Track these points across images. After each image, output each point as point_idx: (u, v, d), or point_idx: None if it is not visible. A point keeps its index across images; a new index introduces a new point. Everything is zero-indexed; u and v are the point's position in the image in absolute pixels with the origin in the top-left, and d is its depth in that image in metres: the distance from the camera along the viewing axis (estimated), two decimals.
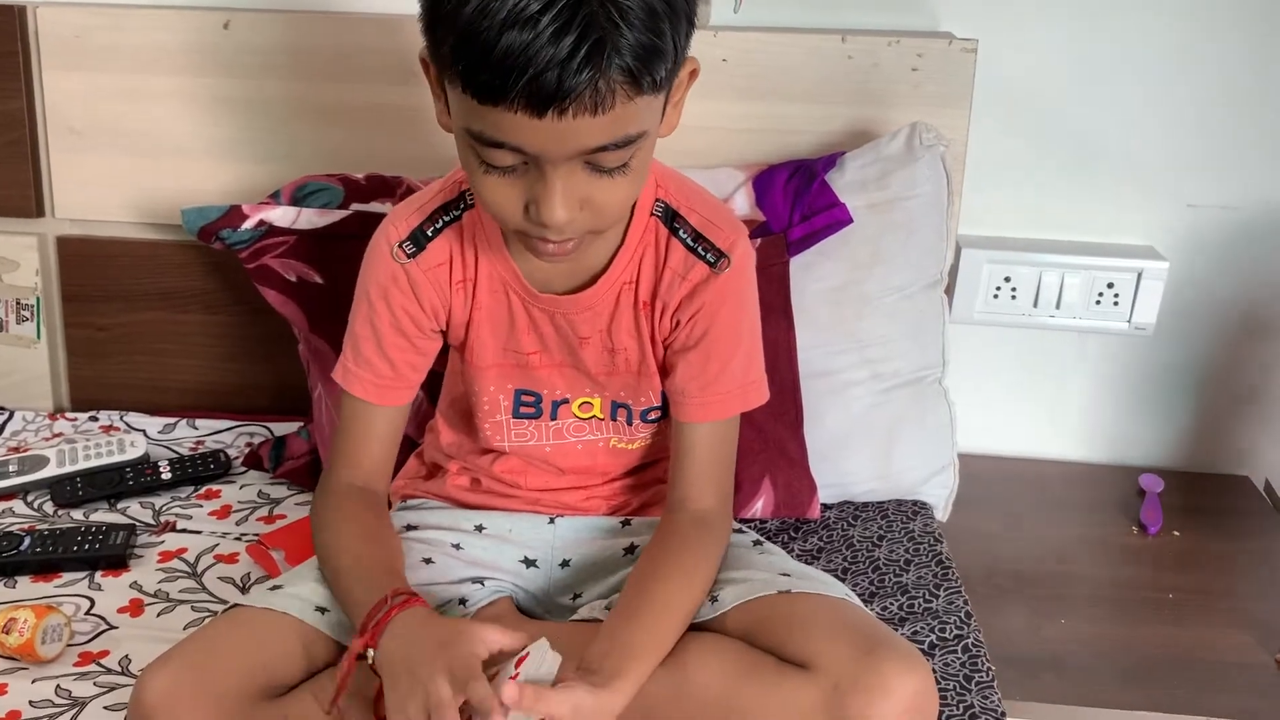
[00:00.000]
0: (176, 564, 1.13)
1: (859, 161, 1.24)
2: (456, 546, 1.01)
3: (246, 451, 1.33)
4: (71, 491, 1.23)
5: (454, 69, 0.74)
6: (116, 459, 1.27)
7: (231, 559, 1.14)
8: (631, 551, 1.01)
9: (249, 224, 1.24)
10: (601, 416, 1.00)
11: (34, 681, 0.96)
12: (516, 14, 0.69)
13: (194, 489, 1.26)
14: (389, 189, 1.26)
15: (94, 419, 1.40)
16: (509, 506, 1.04)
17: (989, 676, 0.98)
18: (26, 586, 1.09)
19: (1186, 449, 1.49)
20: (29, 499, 1.24)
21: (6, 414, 1.41)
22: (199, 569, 1.12)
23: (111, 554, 1.11)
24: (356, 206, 1.25)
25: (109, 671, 0.98)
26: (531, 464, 1.03)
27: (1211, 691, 1.09)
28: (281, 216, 1.24)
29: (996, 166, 1.36)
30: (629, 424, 1.01)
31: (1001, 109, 1.34)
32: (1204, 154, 1.36)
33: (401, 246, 0.94)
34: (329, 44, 1.32)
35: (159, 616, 1.05)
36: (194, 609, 1.06)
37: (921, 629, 1.02)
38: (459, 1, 0.72)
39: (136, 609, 1.06)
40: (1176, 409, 1.47)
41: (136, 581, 1.10)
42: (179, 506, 1.23)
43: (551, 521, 1.03)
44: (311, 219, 1.24)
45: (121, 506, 1.23)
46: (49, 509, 1.22)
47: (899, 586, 1.09)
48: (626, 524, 1.04)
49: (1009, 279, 1.38)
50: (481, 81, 0.72)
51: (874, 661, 0.81)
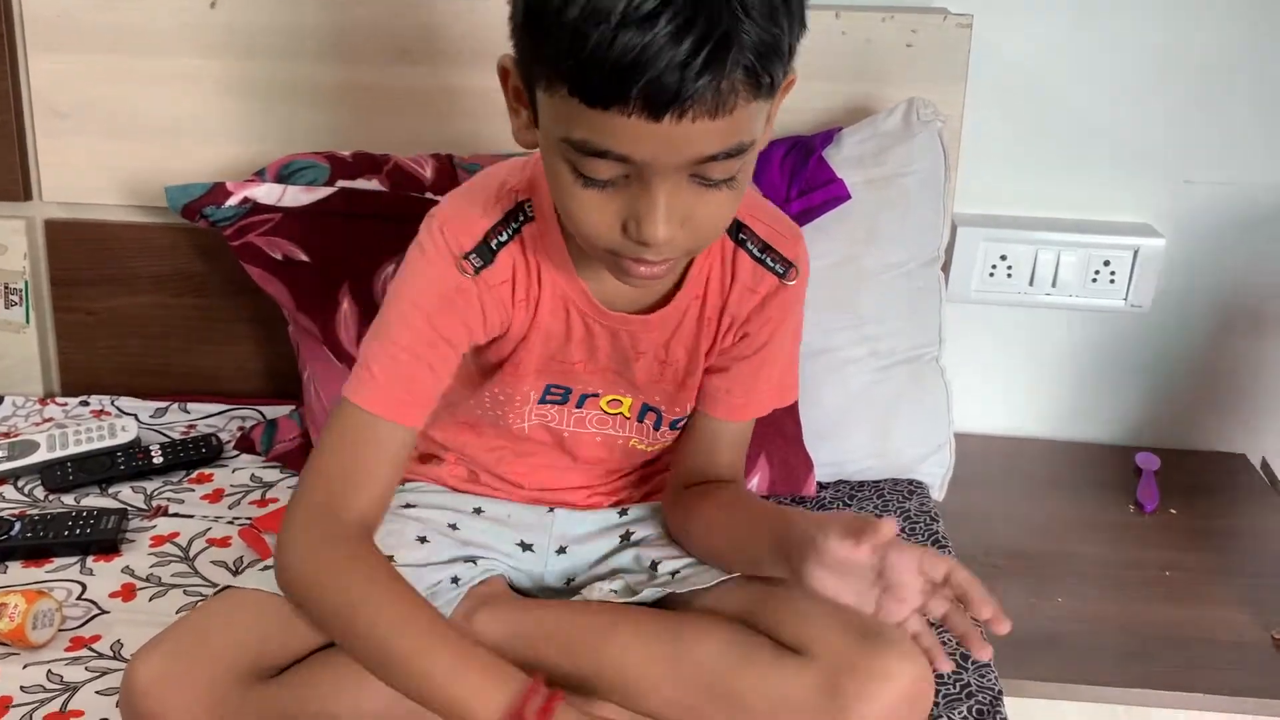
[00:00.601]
0: (169, 548, 1.12)
1: (856, 137, 1.23)
2: (453, 526, 1.00)
3: (238, 435, 1.32)
4: (62, 476, 1.22)
5: (557, 72, 0.69)
6: (108, 443, 1.26)
7: (224, 543, 1.13)
8: (628, 539, 1.00)
9: (233, 201, 1.23)
10: (629, 416, 0.97)
11: (25, 667, 0.95)
12: (633, 10, 0.64)
13: (186, 473, 1.25)
14: (375, 166, 1.25)
15: (85, 404, 1.39)
16: (509, 498, 1.03)
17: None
18: (17, 572, 1.08)
19: (1183, 427, 1.48)
20: (19, 484, 1.23)
21: None
22: (191, 553, 1.12)
23: (103, 539, 1.10)
24: (342, 183, 1.24)
25: (101, 656, 0.97)
26: (538, 456, 1.00)
27: (1208, 669, 1.09)
28: (266, 194, 1.23)
29: (992, 143, 1.35)
30: (655, 428, 0.98)
31: (997, 85, 1.33)
32: (1202, 130, 1.35)
33: (469, 258, 0.85)
34: (318, 23, 1.30)
35: (151, 601, 1.04)
36: (186, 593, 1.05)
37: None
38: (565, 1, 0.66)
39: (129, 593, 1.05)
40: (1173, 387, 1.47)
41: (128, 566, 1.09)
42: (171, 491, 1.22)
43: (550, 510, 1.02)
44: (297, 196, 1.22)
45: (113, 491, 1.22)
46: (39, 494, 1.21)
47: None
48: (624, 512, 1.03)
49: (1005, 257, 1.37)
50: (593, 84, 0.67)
51: (871, 648, 0.80)
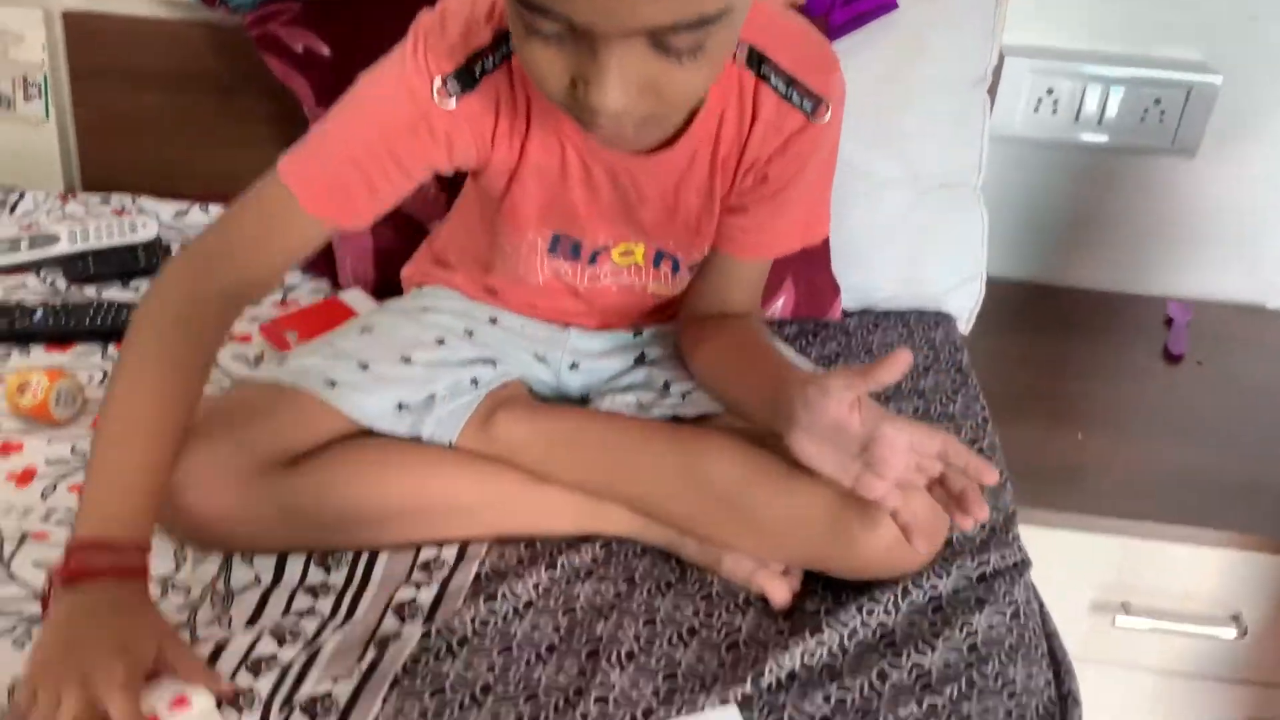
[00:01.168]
0: None
1: None
2: (469, 333, 0.99)
3: None
4: (83, 268, 1.21)
5: None
6: (128, 240, 1.25)
7: (245, 339, 1.13)
8: (642, 361, 0.99)
9: None
10: (642, 264, 0.93)
11: (50, 441, 0.97)
12: None
13: None
14: None
15: (105, 201, 1.37)
16: (524, 314, 1.01)
17: (1001, 478, 0.97)
18: (40, 356, 1.08)
19: (1219, 280, 1.45)
20: (41, 274, 1.22)
21: (18, 193, 1.38)
22: None
23: (124, 329, 1.10)
24: None
25: None
26: (556, 299, 0.97)
27: (1221, 508, 1.09)
28: None
29: None
30: (674, 273, 0.94)
31: None
32: None
33: (446, 83, 0.78)
34: None
35: None
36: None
37: None
38: None
39: None
40: (1212, 236, 1.43)
41: None
42: None
43: (565, 327, 1.01)
44: None
45: (134, 285, 1.22)
46: (61, 285, 1.21)
47: (916, 391, 1.08)
48: (638, 333, 1.02)
49: (1051, 91, 1.32)
50: None
51: None
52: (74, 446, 0.96)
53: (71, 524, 0.80)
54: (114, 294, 1.20)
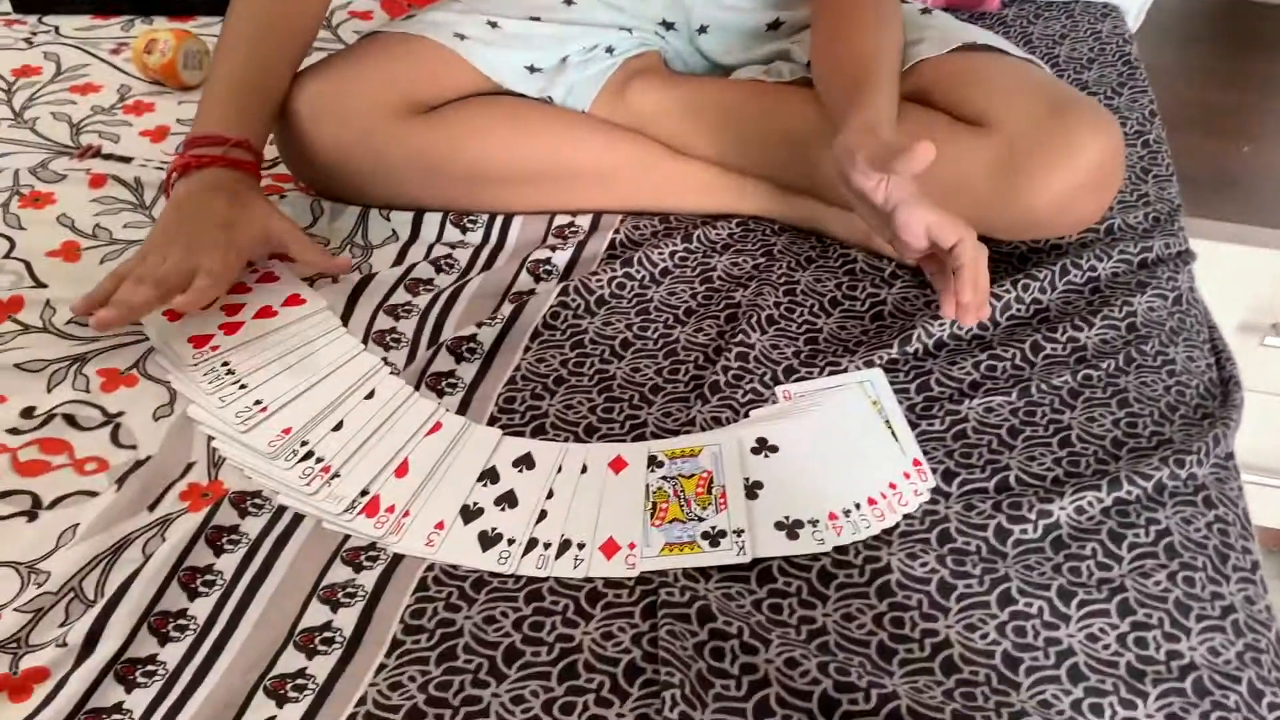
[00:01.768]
0: None
1: None
2: None
3: None
4: None
5: None
6: None
7: (366, 15, 1.09)
8: (776, 27, 0.92)
9: None
10: None
11: (180, 103, 0.95)
12: None
13: None
14: None
15: None
16: None
17: (1168, 170, 0.91)
18: (163, 24, 1.06)
19: None
20: None
21: None
22: (333, 22, 1.08)
23: None
24: None
25: None
26: None
27: None
28: None
29: None
30: None
31: None
32: None
33: None
34: None
35: None
36: None
37: None
38: None
39: None
40: None
41: None
42: None
43: None
44: None
45: None
46: None
47: (1079, 84, 1.00)
48: (775, 26, 0.94)
49: None
50: None
51: (1061, 120, 0.74)
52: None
53: None
54: None
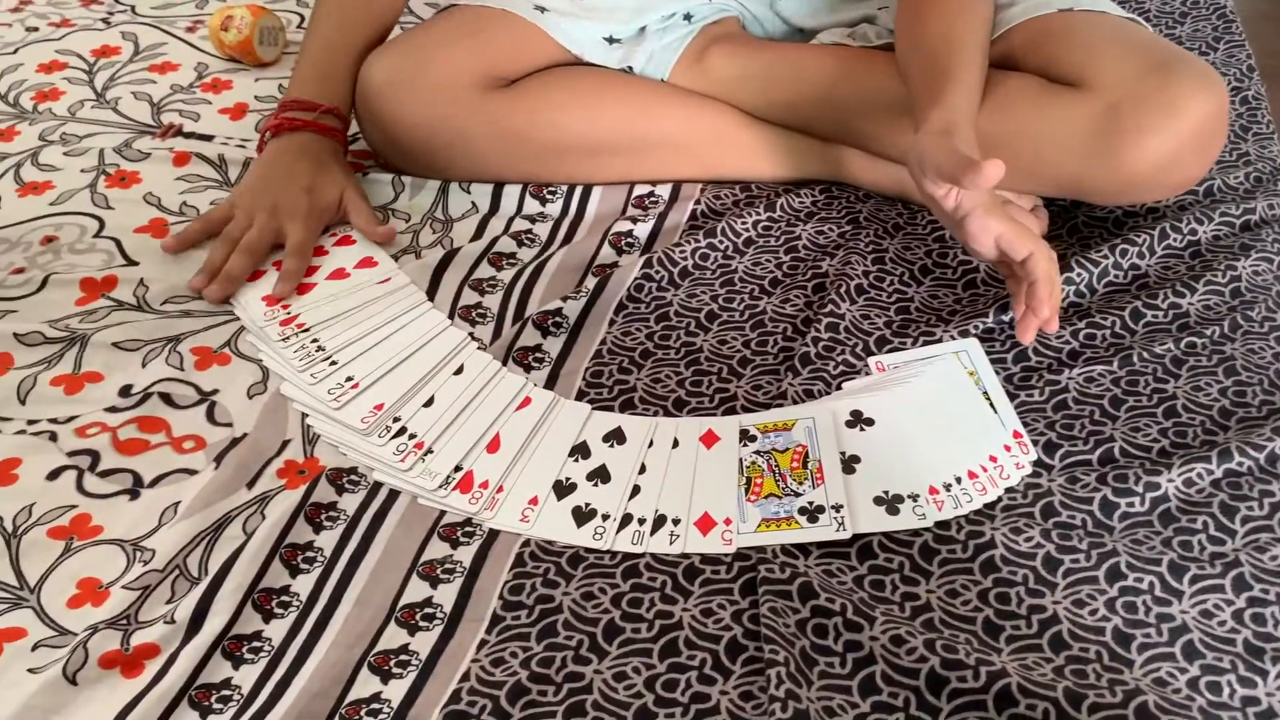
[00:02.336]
0: None
1: None
2: None
3: None
4: None
5: None
6: None
7: None
8: None
9: None
10: None
11: (257, 80, 0.95)
12: None
13: None
14: None
15: None
16: None
17: (1268, 128, 0.87)
18: (238, 0, 1.06)
19: None
20: None
21: None
22: None
23: None
24: None
25: None
26: None
27: None
28: None
29: None
30: None
31: None
32: None
33: None
34: None
35: None
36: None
37: None
38: None
39: None
40: None
41: None
42: None
43: None
44: None
45: None
46: None
47: (1172, 39, 0.96)
48: None
49: None
50: None
51: (1164, 79, 0.71)
52: (281, 85, 0.95)
53: None
54: None
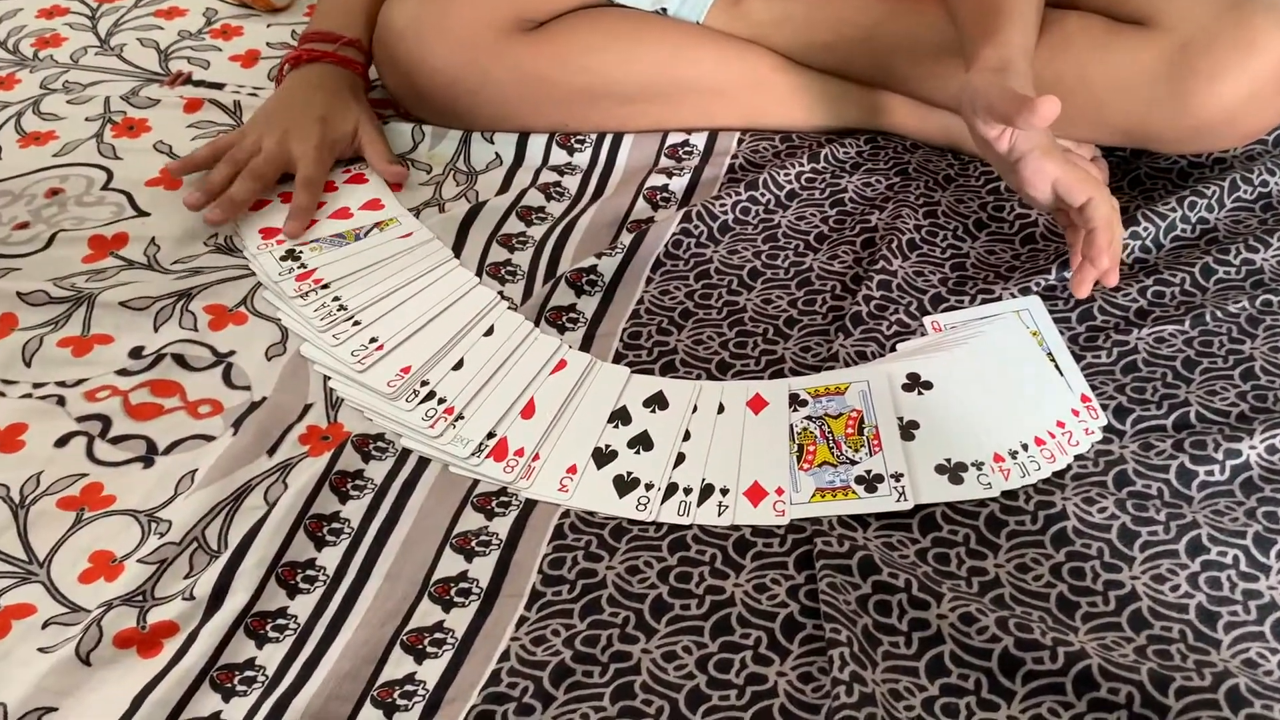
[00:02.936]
0: None
1: None
2: None
3: None
4: None
5: None
6: None
7: None
8: None
9: None
10: None
11: (269, 26, 0.91)
12: None
13: None
14: None
15: None
16: None
17: None
18: None
19: None
20: None
21: None
22: None
23: None
24: None
25: None
26: None
27: None
28: None
29: None
30: None
31: None
32: None
33: None
34: None
35: None
36: None
37: None
38: None
39: None
40: None
41: None
42: None
43: None
44: None
45: None
46: None
47: None
48: None
49: None
50: None
51: (1238, 16, 0.67)
52: (294, 31, 0.90)
53: None
54: None
